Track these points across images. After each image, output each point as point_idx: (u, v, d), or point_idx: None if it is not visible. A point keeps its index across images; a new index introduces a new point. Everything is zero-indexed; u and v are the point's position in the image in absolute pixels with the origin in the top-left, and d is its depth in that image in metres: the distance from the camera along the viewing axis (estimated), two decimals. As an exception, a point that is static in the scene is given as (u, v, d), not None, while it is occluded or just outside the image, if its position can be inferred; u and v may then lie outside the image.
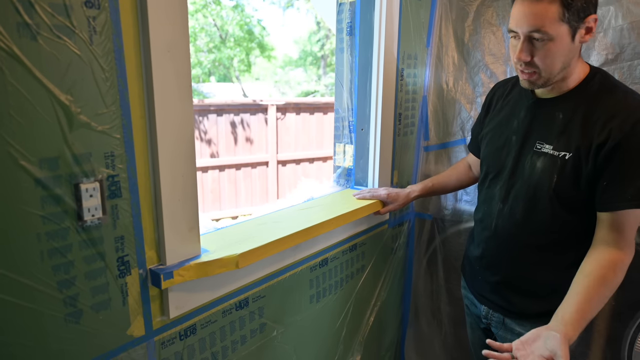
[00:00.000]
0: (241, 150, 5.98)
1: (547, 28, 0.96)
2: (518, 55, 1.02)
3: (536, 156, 1.09)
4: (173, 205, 0.96)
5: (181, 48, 0.93)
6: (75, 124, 0.80)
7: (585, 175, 1.02)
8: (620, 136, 0.96)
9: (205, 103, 5.91)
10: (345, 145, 1.70)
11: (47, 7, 0.75)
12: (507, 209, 1.16)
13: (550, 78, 1.04)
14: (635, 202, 0.98)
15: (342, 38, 1.62)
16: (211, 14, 9.82)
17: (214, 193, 5.83)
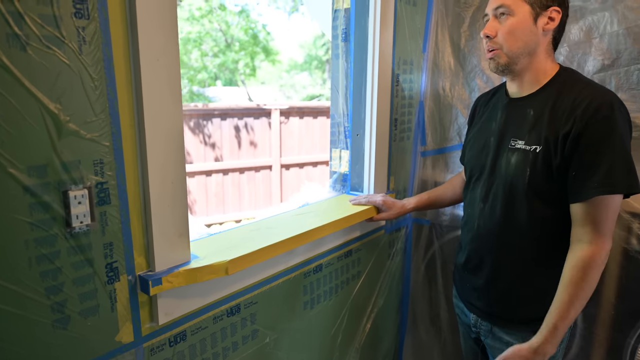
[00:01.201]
0: (245, 154, 6.01)
1: (509, 4, 1.05)
2: (483, 31, 1.11)
3: (511, 153, 1.11)
4: (162, 212, 0.97)
5: (171, 56, 0.94)
6: (64, 132, 0.81)
7: (555, 166, 1.02)
8: (583, 124, 0.98)
9: (209, 107, 5.94)
10: (341, 151, 1.70)
11: (36, 18, 0.76)
12: (487, 208, 1.17)
13: (512, 57, 1.08)
14: (602, 189, 0.97)
15: (338, 44, 1.63)
16: (216, 19, 9.88)
17: (217, 197, 5.85)
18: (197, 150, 5.65)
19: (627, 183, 0.97)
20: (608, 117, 0.96)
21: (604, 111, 0.97)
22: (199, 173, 5.64)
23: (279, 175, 6.19)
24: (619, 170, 0.96)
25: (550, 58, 1.10)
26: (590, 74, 1.47)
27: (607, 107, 0.97)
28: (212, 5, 9.80)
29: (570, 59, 1.50)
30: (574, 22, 1.48)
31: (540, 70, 1.10)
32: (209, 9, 9.76)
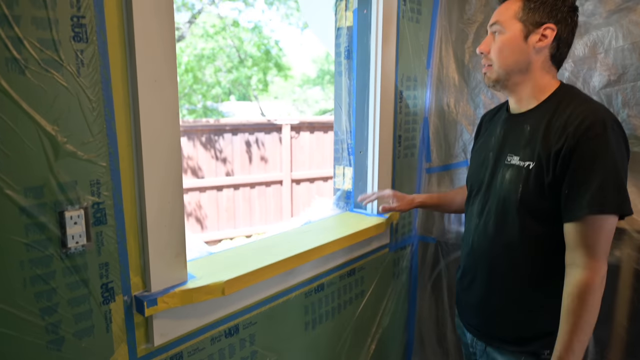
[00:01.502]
0: (256, 169, 6.04)
1: (502, 21, 1.08)
2: (478, 48, 1.14)
3: (506, 168, 1.10)
4: (159, 232, 0.97)
5: (168, 78, 0.95)
6: (61, 153, 0.82)
7: (547, 183, 1.01)
8: (574, 141, 0.96)
9: (220, 123, 6.01)
10: (344, 168, 1.70)
11: (35, 42, 0.78)
12: (482, 223, 1.16)
13: (502, 74, 1.09)
14: (592, 208, 0.94)
15: (340, 62, 1.63)
16: (230, 36, 10.05)
17: (228, 211, 5.88)
18: (208, 165, 5.70)
19: (617, 203, 0.95)
20: (600, 135, 0.95)
21: (596, 129, 0.95)
22: (210, 188, 5.68)
23: (290, 190, 6.19)
24: (609, 190, 0.94)
25: (549, 75, 1.09)
26: (597, 89, 1.44)
27: (599, 125, 0.95)
28: (225, 23, 9.99)
29: (575, 75, 1.48)
30: (579, 37, 1.46)
31: (537, 87, 1.09)
32: (223, 26, 9.94)
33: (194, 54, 9.10)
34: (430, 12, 1.76)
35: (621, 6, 1.38)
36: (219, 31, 10.10)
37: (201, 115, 9.94)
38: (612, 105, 1.42)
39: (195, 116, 9.72)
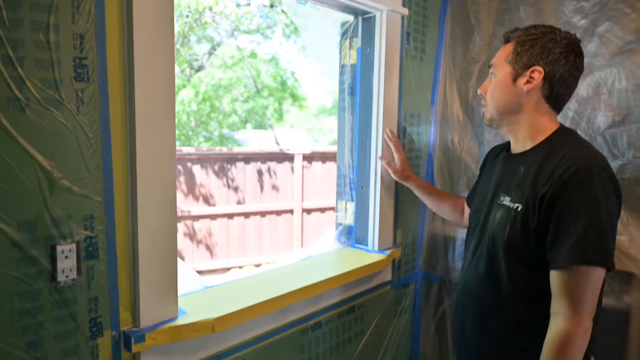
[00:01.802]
0: (267, 198, 6.06)
1: (495, 64, 1.12)
2: (479, 89, 1.18)
3: (498, 208, 1.10)
4: (151, 267, 0.97)
5: (166, 116, 0.97)
6: (56, 189, 0.84)
7: (532, 228, 1.00)
8: (559, 187, 0.95)
9: (233, 151, 6.09)
10: (346, 203, 1.69)
11: (37, 82, 0.81)
12: (474, 261, 1.15)
13: (494, 114, 1.13)
14: (572, 257, 0.92)
15: (344, 98, 1.66)
16: (247, 67, 10.32)
17: (239, 240, 5.87)
18: (220, 193, 5.75)
19: (598, 255, 0.92)
20: (584, 183, 0.93)
21: (581, 176, 0.94)
22: (221, 216, 5.71)
23: (301, 219, 6.18)
24: (590, 240, 0.92)
25: (545, 117, 1.08)
26: (601, 129, 1.43)
27: (584, 172, 0.94)
28: (243, 54, 10.28)
29: (579, 115, 1.47)
30: (581, 78, 1.45)
31: (532, 128, 1.09)
32: (241, 57, 10.23)
33: (212, 84, 9.33)
34: (435, 51, 1.79)
35: (624, 48, 1.38)
36: (237, 62, 10.37)
37: (217, 142, 10.10)
38: (617, 146, 1.40)
39: (211, 144, 9.87)
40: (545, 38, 1.06)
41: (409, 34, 1.66)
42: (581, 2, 1.47)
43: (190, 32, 7.21)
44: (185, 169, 5.52)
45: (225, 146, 9.89)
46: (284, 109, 11.26)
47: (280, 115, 11.26)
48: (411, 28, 1.66)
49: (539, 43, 1.06)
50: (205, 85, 9.17)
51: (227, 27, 8.06)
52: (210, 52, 9.48)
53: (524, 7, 1.60)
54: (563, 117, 1.51)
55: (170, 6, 0.95)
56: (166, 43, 0.95)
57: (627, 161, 1.37)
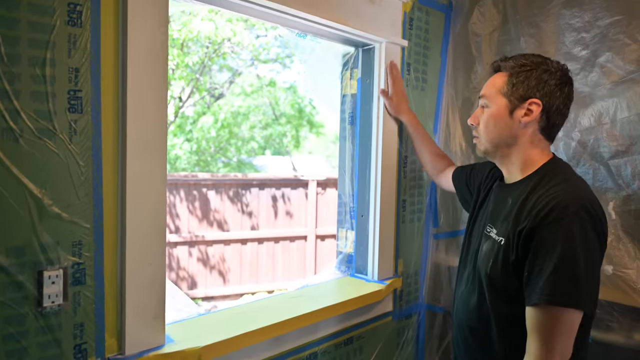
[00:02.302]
0: (281, 224, 6.07)
1: (487, 96, 1.10)
2: (468, 120, 1.16)
3: (485, 239, 1.10)
4: (138, 294, 0.98)
5: (157, 145, 1.00)
6: (45, 215, 0.87)
7: (512, 262, 0.99)
8: (535, 224, 0.94)
9: (248, 177, 6.17)
10: (347, 231, 1.68)
11: (32, 113, 0.85)
12: (465, 291, 1.14)
13: (489, 147, 1.10)
14: (542, 297, 0.90)
15: (345, 127, 1.67)
16: (266, 95, 10.53)
17: (251, 265, 5.87)
18: (234, 218, 5.79)
19: (569, 296, 0.89)
20: (560, 221, 0.91)
21: (556, 214, 0.92)
22: (235, 241, 5.73)
23: (314, 246, 6.15)
24: (562, 280, 0.89)
25: (537, 149, 1.07)
26: (605, 159, 1.40)
27: (560, 209, 0.92)
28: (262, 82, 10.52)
29: (582, 145, 1.45)
30: (584, 107, 1.44)
31: (524, 160, 1.07)
32: (260, 85, 10.47)
33: (231, 111, 9.54)
34: (437, 80, 1.80)
35: (625, 78, 1.37)
36: (256, 90, 10.60)
37: (235, 168, 10.24)
38: (621, 177, 1.36)
39: (228, 169, 10.01)
40: (539, 69, 1.05)
41: (410, 65, 1.67)
42: (581, 34, 1.47)
43: (210, 62, 7.44)
44: (201, 194, 5.60)
45: (242, 172, 10.01)
46: (301, 135, 11.40)
47: (298, 142, 11.38)
48: (412, 59, 1.68)
49: (534, 74, 1.04)
50: (224, 112, 9.38)
51: (246, 57, 8.29)
52: (231, 80, 9.74)
53: (524, 39, 1.60)
54: (566, 147, 1.49)
55: (164, 41, 0.99)
56: (159, 76, 0.99)
57: (632, 192, 1.34)
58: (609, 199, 1.37)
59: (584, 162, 1.44)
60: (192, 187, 5.55)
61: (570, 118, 1.46)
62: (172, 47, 5.83)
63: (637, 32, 1.35)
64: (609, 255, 1.33)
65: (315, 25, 1.36)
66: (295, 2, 1.24)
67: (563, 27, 1.51)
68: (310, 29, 1.40)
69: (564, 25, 1.50)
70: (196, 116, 9.08)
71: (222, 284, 5.71)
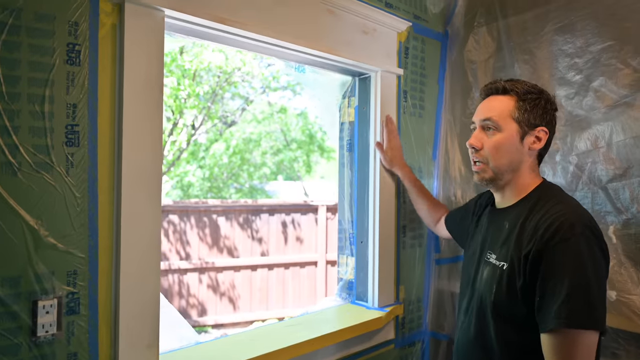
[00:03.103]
0: (291, 250, 6.05)
1: (497, 118, 1.05)
2: (470, 141, 1.10)
3: (485, 266, 1.07)
4: (132, 323, 0.99)
5: (152, 175, 1.03)
6: (41, 246, 0.90)
7: (519, 287, 0.96)
8: (542, 246, 0.93)
9: (258, 203, 6.20)
10: (347, 257, 1.68)
11: (30, 148, 0.89)
12: (466, 322, 1.11)
13: (497, 173, 1.07)
14: (558, 321, 0.87)
15: (343, 154, 1.69)
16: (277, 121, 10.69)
17: (261, 292, 5.83)
18: (244, 244, 5.80)
19: (586, 317, 0.87)
20: (567, 240, 0.91)
21: (563, 234, 0.91)
22: (245, 267, 5.73)
23: (325, 271, 6.10)
24: (576, 302, 0.88)
25: (533, 173, 1.09)
26: (603, 183, 1.39)
27: (567, 229, 0.91)
28: (273, 109, 10.70)
29: (580, 168, 1.44)
30: (580, 131, 1.44)
31: (521, 185, 1.08)
32: (271, 112, 10.64)
33: (243, 138, 9.68)
34: (434, 107, 1.82)
35: (619, 102, 1.37)
36: (267, 117, 10.76)
37: (247, 194, 10.31)
38: (619, 200, 1.34)
39: (240, 195, 10.08)
40: (543, 98, 1.07)
41: (406, 92, 1.70)
42: (574, 59, 1.48)
43: (221, 91, 7.62)
44: (211, 221, 5.64)
45: (255, 197, 10.07)
46: (312, 160, 11.47)
47: (309, 167, 11.45)
48: (408, 86, 1.71)
49: (540, 103, 1.06)
50: (236, 139, 9.53)
51: (257, 85, 8.46)
52: (243, 108, 9.92)
53: (519, 65, 1.62)
54: (564, 171, 1.48)
55: (159, 77, 1.04)
56: (154, 110, 1.03)
57: (631, 216, 1.32)
58: (608, 223, 1.35)
59: (582, 186, 1.43)
60: (203, 214, 5.60)
61: (567, 142, 1.47)
62: (185, 77, 6.00)
63: (629, 57, 1.36)
64: (611, 281, 1.30)
65: (310, 57, 1.41)
66: (289, 35, 1.29)
67: (556, 53, 1.52)
68: (305, 60, 1.44)
69: (557, 51, 1.52)
70: (209, 143, 9.24)
71: (232, 311, 5.67)
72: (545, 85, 1.52)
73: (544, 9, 1.56)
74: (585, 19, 1.45)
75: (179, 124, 6.98)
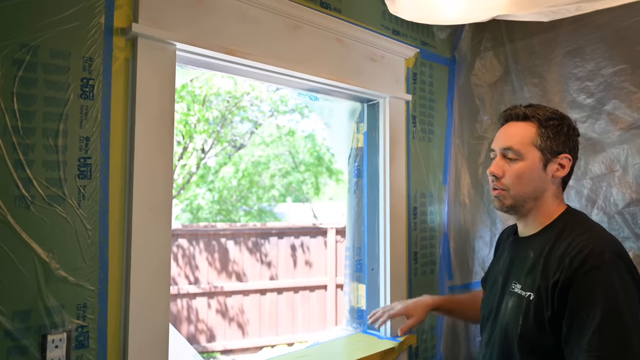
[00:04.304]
0: (300, 273, 5.99)
1: (519, 147, 1.02)
2: (490, 169, 1.06)
3: (509, 296, 1.03)
4: (141, 355, 0.98)
5: (163, 207, 1.03)
6: (52, 279, 0.89)
7: (547, 318, 0.92)
8: (570, 275, 0.89)
9: (266, 226, 6.18)
10: (357, 285, 1.65)
11: (43, 181, 0.90)
12: (488, 354, 1.07)
13: (518, 201, 1.03)
14: (589, 354, 0.83)
15: (352, 180, 1.69)
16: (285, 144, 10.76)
17: (271, 317, 5.76)
18: (253, 268, 5.76)
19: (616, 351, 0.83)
20: (597, 269, 0.87)
21: (593, 262, 0.88)
22: (254, 291, 5.67)
23: (334, 295, 6.02)
24: (607, 335, 0.84)
25: (557, 200, 1.05)
26: (619, 207, 1.36)
27: (596, 257, 0.88)
28: (282, 132, 10.79)
29: (595, 192, 1.42)
30: (593, 154, 1.43)
31: (545, 213, 1.04)
32: (279, 135, 10.73)
33: (252, 161, 9.75)
34: (444, 131, 1.82)
35: (633, 125, 1.36)
36: (275, 140, 10.85)
37: (255, 216, 10.31)
38: (638, 225, 1.31)
39: (249, 218, 10.08)
40: (565, 124, 1.04)
41: (415, 117, 1.70)
42: (585, 82, 1.48)
43: (231, 115, 7.72)
44: (220, 245, 5.62)
45: (264, 220, 10.05)
46: (320, 182, 11.48)
47: (318, 188, 11.45)
48: (417, 111, 1.72)
49: (563, 130, 1.03)
50: (245, 162, 9.59)
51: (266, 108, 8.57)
52: (252, 131, 10.02)
53: (528, 88, 1.62)
54: (578, 195, 1.46)
55: (171, 110, 1.05)
56: (165, 142, 1.04)
57: (650, 242, 1.29)
58: (627, 249, 1.31)
59: (597, 210, 1.40)
60: (212, 238, 5.59)
61: (580, 165, 1.45)
62: (195, 102, 6.09)
63: (641, 79, 1.35)
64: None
65: (319, 85, 1.42)
66: (298, 64, 1.30)
67: (566, 76, 1.52)
68: (314, 88, 1.46)
69: (567, 75, 1.52)
70: (218, 166, 9.31)
71: (241, 337, 5.59)
72: (558, 108, 1.52)
73: (552, 34, 1.56)
74: (594, 43, 1.45)
75: (188, 148, 7.05)
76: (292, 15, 1.29)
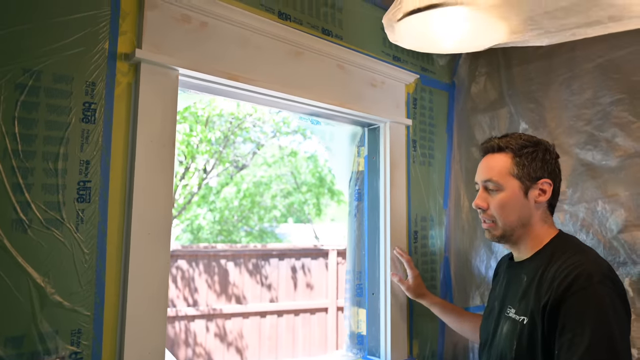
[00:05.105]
0: (301, 296, 5.92)
1: (497, 178, 1.05)
2: (475, 202, 1.09)
3: (504, 321, 1.04)
4: (135, 384, 0.96)
5: (162, 231, 1.03)
6: (47, 304, 0.88)
7: (540, 341, 0.92)
8: (559, 296, 0.90)
9: (267, 248, 6.14)
10: (358, 309, 1.63)
11: (41, 204, 0.90)
12: None
13: (506, 230, 1.06)
14: None
15: (353, 203, 1.68)
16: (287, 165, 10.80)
17: (271, 340, 5.66)
18: (253, 291, 5.69)
19: None
20: (585, 289, 0.87)
21: (581, 282, 0.88)
22: (254, 314, 5.59)
23: (335, 318, 5.93)
24: (598, 353, 0.83)
25: (546, 224, 1.07)
26: (615, 233, 1.35)
27: (585, 278, 0.88)
28: (284, 152, 10.84)
29: (590, 217, 1.41)
30: (590, 180, 1.42)
31: (535, 238, 1.06)
32: (281, 156, 10.78)
33: (253, 181, 9.77)
34: (444, 156, 1.82)
35: (629, 151, 1.36)
36: (277, 160, 10.89)
37: (257, 237, 10.26)
38: (634, 251, 1.30)
39: (250, 239, 10.04)
40: (540, 150, 1.07)
41: (415, 141, 1.71)
42: (583, 110, 1.48)
43: (233, 136, 7.77)
44: (219, 267, 5.58)
45: (265, 240, 10.00)
46: (322, 203, 11.46)
47: (319, 209, 11.43)
48: (417, 136, 1.72)
49: (538, 156, 1.06)
50: (247, 182, 9.61)
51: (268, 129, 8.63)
52: (254, 152, 10.09)
53: (524, 113, 1.62)
54: (573, 220, 1.45)
55: (172, 134, 1.05)
56: (166, 166, 1.04)
57: (652, 269, 1.27)
58: (623, 275, 1.30)
59: (592, 235, 1.39)
60: (212, 259, 5.55)
61: (578, 190, 1.44)
62: (197, 123, 6.14)
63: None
64: (631, 338, 1.23)
65: (320, 110, 1.43)
66: (299, 90, 1.32)
67: (563, 102, 1.53)
68: (316, 113, 1.47)
69: (564, 101, 1.53)
70: (219, 187, 9.33)
71: (240, 361, 5.49)
72: (553, 133, 1.52)
73: (548, 62, 1.58)
74: (591, 72, 1.47)
75: (190, 168, 7.08)
76: (294, 42, 1.31)
